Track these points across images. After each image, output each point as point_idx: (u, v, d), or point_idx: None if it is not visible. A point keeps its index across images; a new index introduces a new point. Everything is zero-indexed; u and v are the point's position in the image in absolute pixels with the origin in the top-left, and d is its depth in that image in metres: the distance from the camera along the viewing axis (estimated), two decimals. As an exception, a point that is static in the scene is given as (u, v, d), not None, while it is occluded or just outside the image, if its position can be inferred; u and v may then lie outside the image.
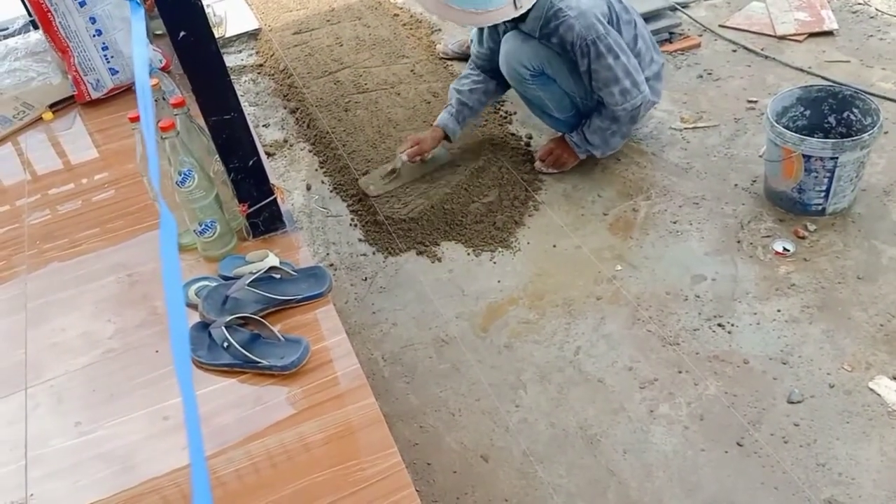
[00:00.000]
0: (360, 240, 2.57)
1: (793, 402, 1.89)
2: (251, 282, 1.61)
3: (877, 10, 3.33)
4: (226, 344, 1.52)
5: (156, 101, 1.69)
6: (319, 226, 2.65)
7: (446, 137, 2.78)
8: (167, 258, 0.86)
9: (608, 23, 2.43)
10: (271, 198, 1.80)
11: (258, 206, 1.79)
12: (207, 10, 3.97)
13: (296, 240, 1.84)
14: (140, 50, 1.36)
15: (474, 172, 2.74)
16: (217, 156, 1.70)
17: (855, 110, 2.41)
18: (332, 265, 2.47)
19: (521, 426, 1.93)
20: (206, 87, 1.58)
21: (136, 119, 1.60)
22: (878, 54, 3.07)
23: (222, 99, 1.60)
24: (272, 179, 1.81)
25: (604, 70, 2.42)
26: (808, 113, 2.49)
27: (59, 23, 2.33)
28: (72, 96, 2.53)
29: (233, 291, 1.61)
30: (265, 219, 1.82)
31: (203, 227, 1.73)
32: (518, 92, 2.69)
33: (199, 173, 1.64)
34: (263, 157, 1.79)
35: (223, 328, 1.53)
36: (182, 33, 1.48)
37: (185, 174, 1.63)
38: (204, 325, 1.59)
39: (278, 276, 1.68)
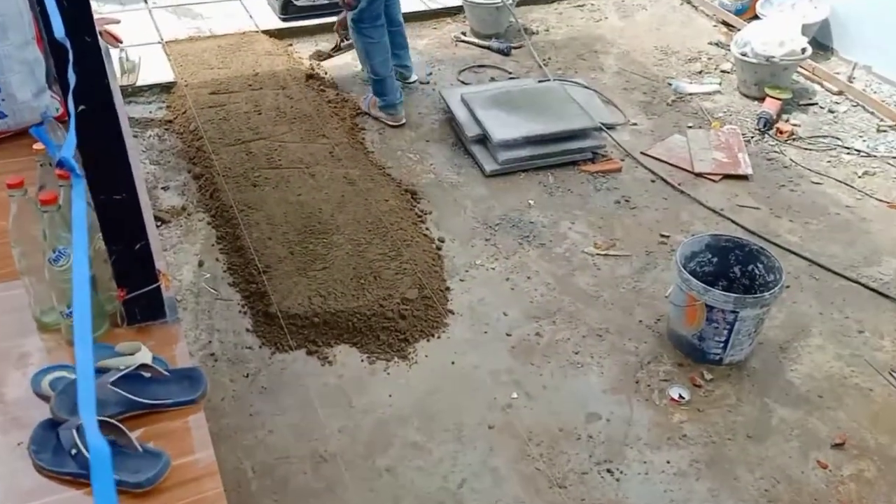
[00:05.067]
0: (247, 330, 2.40)
1: (676, 567, 1.83)
2: (116, 379, 1.44)
3: (791, 160, 3.45)
4: (74, 451, 1.34)
5: (41, 165, 1.54)
6: (206, 308, 2.47)
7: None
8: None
9: None
10: (154, 285, 1.64)
11: (138, 293, 1.63)
12: (121, 55, 3.81)
13: (175, 332, 1.68)
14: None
15: (379, 273, 2.62)
16: (100, 233, 1.54)
17: (759, 265, 2.46)
18: (212, 355, 2.29)
19: (392, 565, 1.79)
20: (100, 165, 1.43)
21: (14, 185, 1.43)
22: (787, 205, 3.17)
23: (115, 179, 1.46)
24: (158, 263, 1.65)
25: None
26: (715, 260, 2.53)
27: (-49, 53, 2.13)
28: (-49, 132, 2.30)
29: (92, 391, 1.43)
30: (144, 307, 1.65)
31: (71, 309, 1.56)
32: None
33: (76, 253, 1.48)
34: (154, 237, 1.63)
35: (73, 431, 1.36)
36: (82, 107, 1.34)
37: (59, 252, 1.47)
38: (53, 424, 1.40)
39: (148, 374, 1.51)
